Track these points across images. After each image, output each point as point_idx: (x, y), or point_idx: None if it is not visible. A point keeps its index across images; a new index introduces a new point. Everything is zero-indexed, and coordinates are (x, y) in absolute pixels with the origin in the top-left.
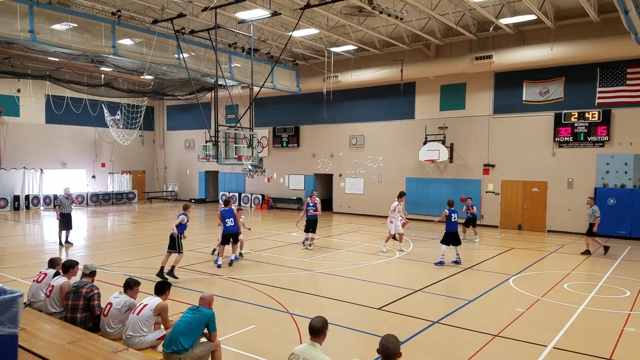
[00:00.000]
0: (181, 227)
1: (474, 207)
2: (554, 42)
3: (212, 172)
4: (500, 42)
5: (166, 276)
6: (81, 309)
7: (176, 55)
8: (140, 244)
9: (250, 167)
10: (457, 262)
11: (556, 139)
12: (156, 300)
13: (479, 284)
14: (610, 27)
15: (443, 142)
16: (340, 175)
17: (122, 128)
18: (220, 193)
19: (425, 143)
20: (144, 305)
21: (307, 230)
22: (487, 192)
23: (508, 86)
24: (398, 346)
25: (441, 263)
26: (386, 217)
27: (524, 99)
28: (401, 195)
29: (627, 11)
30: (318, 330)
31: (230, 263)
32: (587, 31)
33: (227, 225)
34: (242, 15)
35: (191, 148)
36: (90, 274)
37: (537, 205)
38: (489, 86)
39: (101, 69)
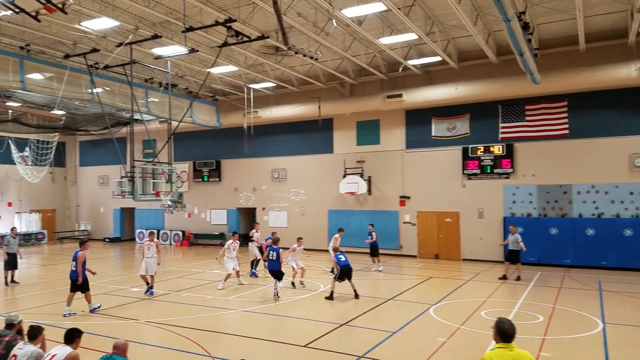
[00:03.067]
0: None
1: (373, 233)
2: (458, 82)
3: (128, 209)
4: (410, 82)
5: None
6: None
7: (89, 90)
8: (49, 288)
9: (169, 202)
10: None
11: (465, 172)
12: (66, 350)
13: (401, 315)
14: (509, 68)
15: (361, 176)
16: (264, 208)
17: (31, 165)
18: (137, 231)
19: (344, 176)
20: (52, 356)
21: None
22: (404, 222)
23: (418, 123)
24: None
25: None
26: (312, 250)
27: (433, 134)
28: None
29: (522, 53)
30: None
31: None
32: (488, 71)
33: None
34: (158, 51)
35: (105, 184)
36: (8, 325)
37: (451, 234)
38: (400, 123)
39: (8, 104)
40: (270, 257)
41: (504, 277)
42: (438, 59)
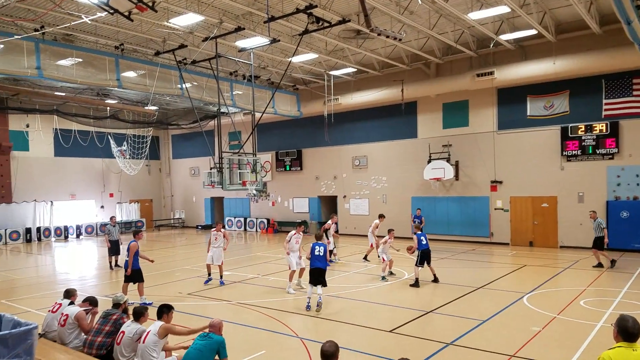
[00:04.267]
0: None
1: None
2: (556, 56)
3: (218, 198)
4: (502, 58)
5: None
6: (104, 334)
7: (179, 86)
8: (149, 272)
9: (254, 192)
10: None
11: (564, 153)
12: (158, 324)
13: (492, 304)
14: (613, 39)
15: (448, 160)
16: (345, 196)
17: (129, 158)
18: (226, 218)
19: (429, 161)
20: (148, 332)
21: None
22: (495, 209)
23: (511, 101)
24: None
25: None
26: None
27: (528, 113)
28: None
29: (629, 22)
30: (330, 355)
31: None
32: (590, 43)
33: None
34: (241, 43)
35: (196, 175)
36: (115, 305)
37: (547, 220)
38: (492, 102)
39: (106, 101)
40: (317, 253)
41: (600, 265)
42: (533, 32)
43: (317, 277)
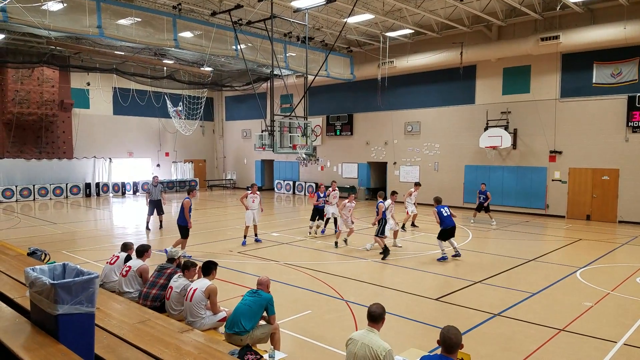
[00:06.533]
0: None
1: (487, 193)
2: (628, 20)
3: (268, 161)
4: (568, 22)
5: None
6: (159, 287)
7: (234, 47)
8: (201, 230)
9: (304, 155)
10: (456, 255)
11: (630, 124)
12: (205, 283)
13: (543, 277)
14: None
15: (506, 128)
16: (395, 163)
17: (184, 119)
18: (276, 181)
19: (486, 129)
20: (194, 290)
21: (312, 219)
22: (553, 180)
23: (576, 68)
24: (460, 337)
25: (443, 258)
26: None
27: (594, 81)
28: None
29: None
30: (377, 316)
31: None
32: None
33: None
34: (297, 3)
35: (248, 137)
36: (170, 260)
37: (607, 194)
38: (555, 68)
39: (163, 61)
40: (445, 214)
41: None
42: None
43: (451, 233)
